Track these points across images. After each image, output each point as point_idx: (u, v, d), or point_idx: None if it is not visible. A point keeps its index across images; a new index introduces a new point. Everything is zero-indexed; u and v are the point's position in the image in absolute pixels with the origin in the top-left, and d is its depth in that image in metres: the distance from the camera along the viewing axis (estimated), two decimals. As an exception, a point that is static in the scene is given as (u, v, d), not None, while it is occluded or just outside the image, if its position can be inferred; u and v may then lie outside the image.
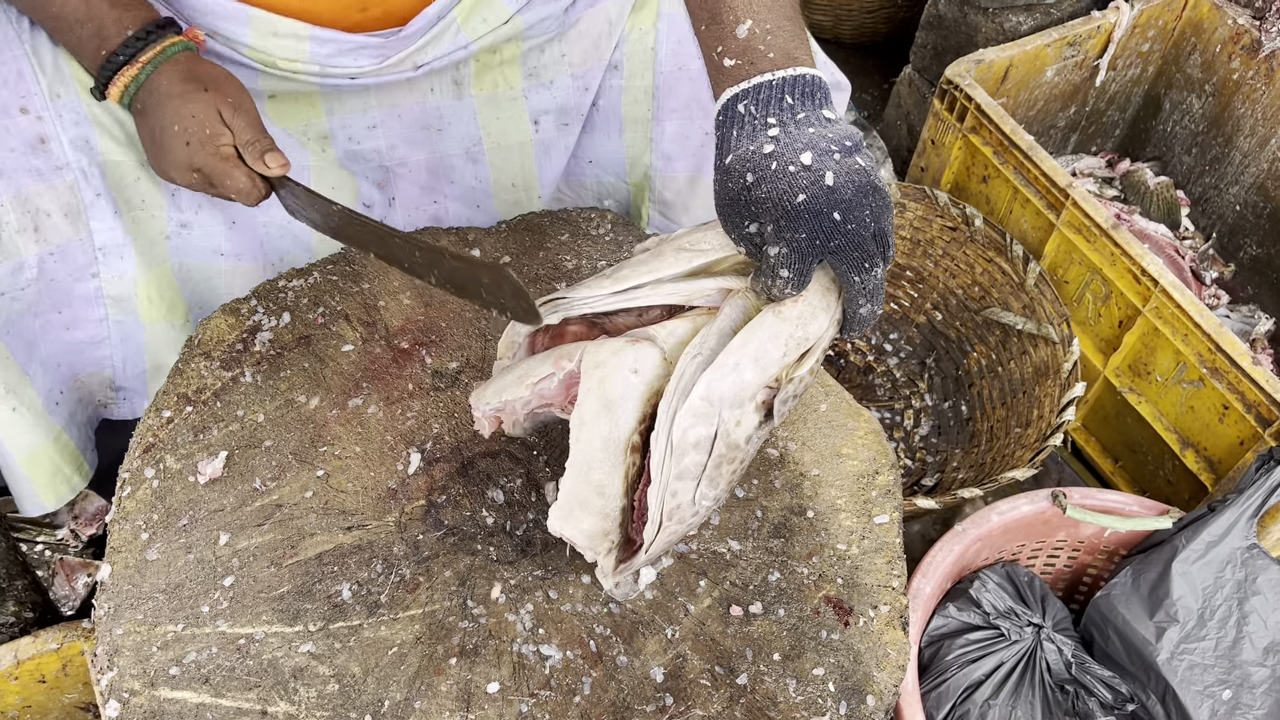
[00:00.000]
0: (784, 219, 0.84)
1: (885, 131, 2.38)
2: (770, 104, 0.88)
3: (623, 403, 0.89)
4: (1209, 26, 2.07)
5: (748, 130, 0.88)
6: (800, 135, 0.86)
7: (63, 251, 1.17)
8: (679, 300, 0.94)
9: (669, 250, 0.95)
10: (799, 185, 0.84)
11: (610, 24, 1.31)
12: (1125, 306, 1.69)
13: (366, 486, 1.06)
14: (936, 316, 1.94)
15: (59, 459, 1.24)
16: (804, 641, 1.00)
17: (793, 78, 0.88)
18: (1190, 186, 2.22)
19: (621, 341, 0.90)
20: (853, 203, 0.84)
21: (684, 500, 0.89)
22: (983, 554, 1.45)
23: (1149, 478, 1.77)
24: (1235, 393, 1.54)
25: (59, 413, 1.24)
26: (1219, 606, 1.35)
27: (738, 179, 0.87)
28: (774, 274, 0.86)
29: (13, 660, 1.22)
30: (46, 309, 1.20)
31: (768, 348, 0.87)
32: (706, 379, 0.86)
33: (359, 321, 1.18)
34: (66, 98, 1.13)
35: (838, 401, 1.18)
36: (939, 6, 2.15)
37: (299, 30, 1.16)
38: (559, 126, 1.35)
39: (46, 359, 1.22)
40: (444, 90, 1.29)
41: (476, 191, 1.37)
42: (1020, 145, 1.77)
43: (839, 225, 0.84)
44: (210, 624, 0.96)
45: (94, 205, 1.17)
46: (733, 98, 0.89)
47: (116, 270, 1.20)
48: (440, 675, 0.94)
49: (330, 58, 1.19)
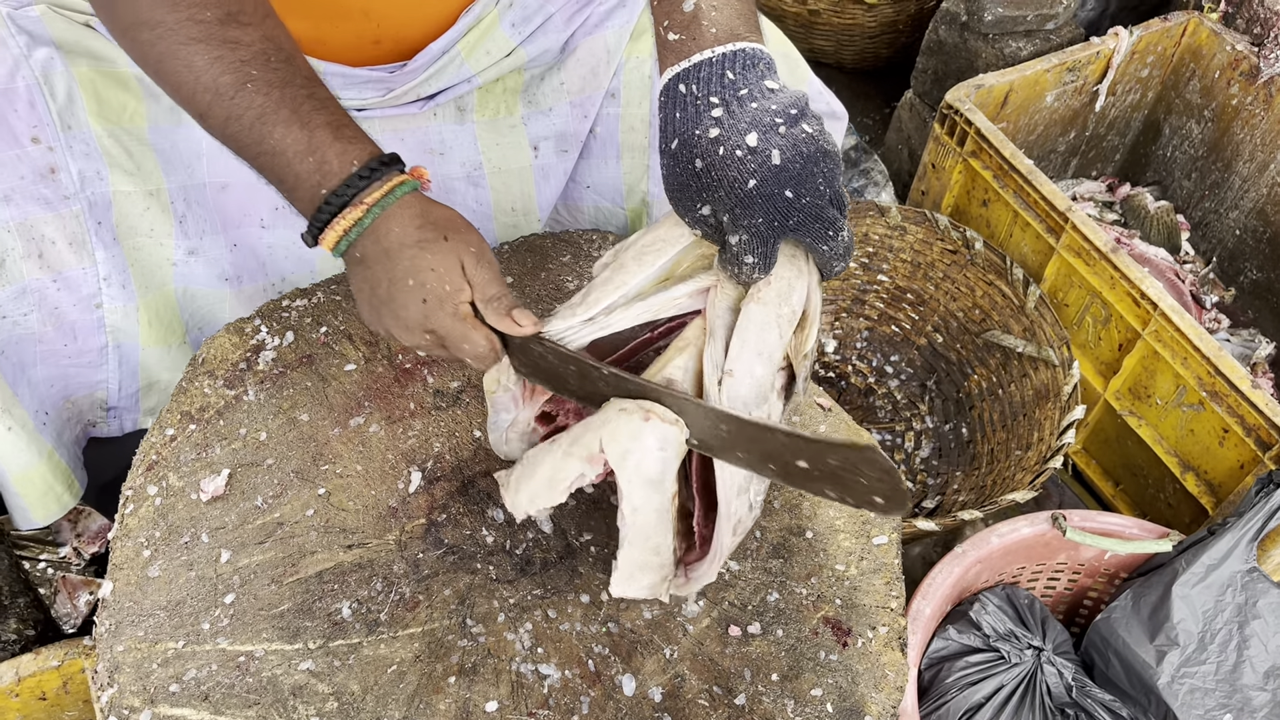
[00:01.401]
0: (738, 206, 0.83)
1: (886, 155, 2.40)
2: (711, 82, 0.86)
3: (664, 476, 0.89)
4: (1208, 52, 2.08)
5: (690, 112, 0.86)
6: (744, 114, 0.84)
7: (66, 280, 1.17)
8: (651, 316, 0.92)
9: (629, 259, 0.93)
10: (748, 170, 0.83)
11: (609, 52, 1.32)
12: (1125, 330, 1.70)
13: (367, 505, 1.07)
14: (937, 339, 1.95)
15: (50, 477, 1.25)
16: (802, 662, 1.00)
17: (733, 53, 0.86)
18: (1190, 211, 2.23)
19: (636, 422, 0.88)
20: (803, 175, 0.83)
21: (742, 514, 0.90)
22: (983, 576, 1.45)
23: (1149, 501, 1.77)
24: (1235, 416, 1.54)
25: (47, 432, 1.25)
26: (1219, 630, 1.35)
27: (685, 165, 0.86)
28: (739, 261, 0.85)
29: (14, 677, 1.22)
30: (52, 338, 1.20)
31: (765, 338, 0.87)
32: (726, 393, 0.87)
33: (362, 341, 1.19)
34: (77, 129, 1.15)
35: (837, 423, 1.18)
36: (939, 32, 2.17)
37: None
38: (558, 153, 1.36)
39: (38, 380, 1.22)
40: (447, 115, 1.31)
41: (477, 214, 1.38)
42: (1020, 169, 1.78)
43: (793, 202, 0.83)
44: (211, 641, 0.96)
45: (98, 235, 1.18)
46: (674, 77, 0.87)
47: (119, 300, 1.21)
48: (439, 694, 0.95)
49: (335, 90, 1.20)
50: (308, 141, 0.94)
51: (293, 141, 0.94)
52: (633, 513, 0.89)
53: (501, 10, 1.26)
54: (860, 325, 2.03)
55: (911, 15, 2.45)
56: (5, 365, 1.18)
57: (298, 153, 0.94)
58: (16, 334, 1.17)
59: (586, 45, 1.32)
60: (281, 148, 0.94)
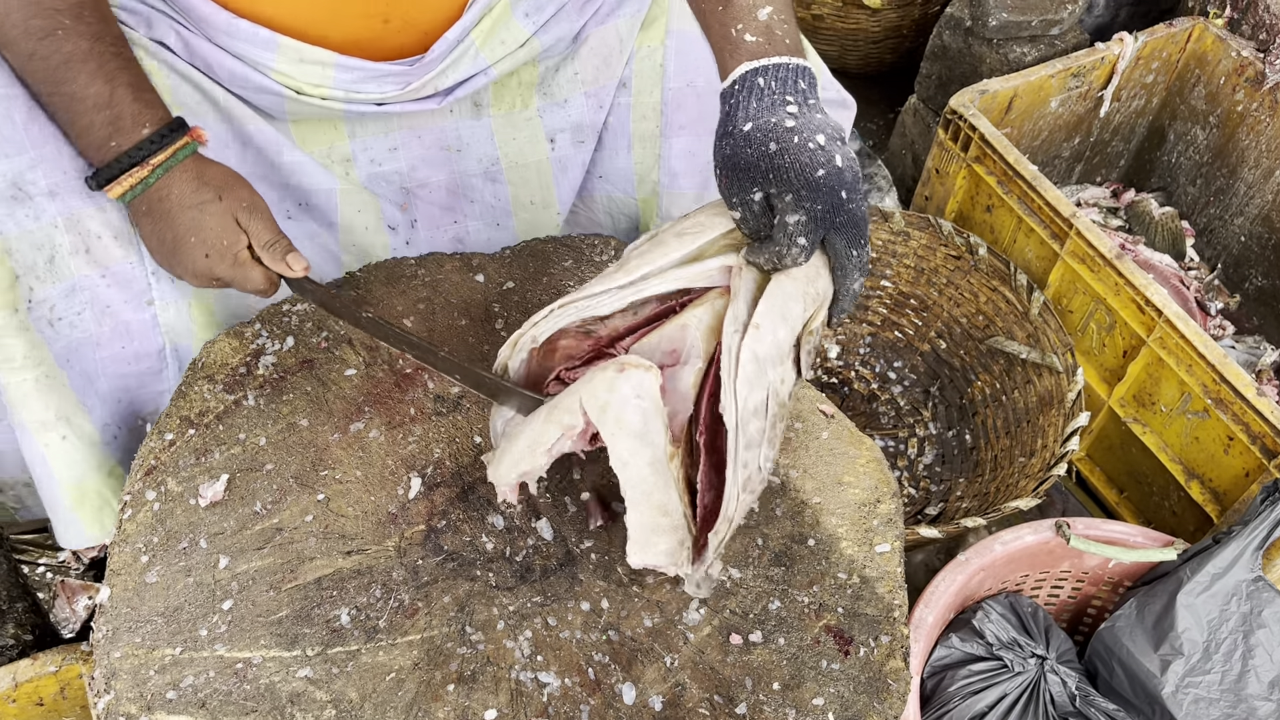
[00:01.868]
0: (805, 189, 0.90)
1: (890, 160, 2.39)
2: (788, 84, 0.95)
3: (647, 427, 0.92)
4: (1213, 59, 2.08)
5: (767, 103, 0.94)
6: (813, 119, 0.93)
7: (115, 275, 1.15)
8: (684, 284, 0.98)
9: (669, 236, 1.00)
10: (819, 161, 0.90)
11: (621, 41, 1.32)
12: (1129, 337, 1.69)
13: (367, 511, 1.06)
14: (940, 345, 1.94)
15: (108, 493, 1.21)
16: (804, 671, 0.99)
17: (803, 67, 0.96)
18: (1195, 217, 2.23)
19: (610, 374, 0.92)
20: (853, 184, 0.92)
21: (753, 470, 0.93)
22: (986, 584, 1.44)
23: (1154, 508, 1.76)
24: (1240, 424, 1.54)
25: (116, 447, 1.22)
26: (1224, 640, 1.34)
27: (759, 146, 0.92)
28: (791, 241, 0.91)
29: (11, 683, 1.21)
30: (109, 340, 1.18)
31: (790, 306, 0.92)
32: (749, 345, 0.91)
33: (362, 346, 1.18)
34: None
35: (839, 429, 1.17)
36: (944, 37, 2.17)
37: (325, 58, 1.18)
38: (575, 144, 1.36)
39: (107, 394, 1.20)
40: (463, 111, 1.31)
41: (496, 210, 1.38)
42: (1024, 175, 1.77)
43: (845, 203, 0.91)
44: (208, 648, 0.96)
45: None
46: (752, 70, 0.95)
47: (170, 296, 1.19)
48: (438, 702, 0.94)
49: (355, 84, 1.20)
50: (109, 95, 1.05)
51: (94, 93, 1.05)
52: (623, 467, 0.92)
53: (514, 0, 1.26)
54: (863, 331, 2.03)
55: (915, 20, 2.45)
56: (73, 376, 1.16)
57: (96, 104, 1.05)
58: (75, 338, 1.15)
59: (599, 35, 1.33)
60: (81, 95, 1.05)
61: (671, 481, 0.93)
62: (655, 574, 1.04)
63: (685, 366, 0.97)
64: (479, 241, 1.41)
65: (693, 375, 0.97)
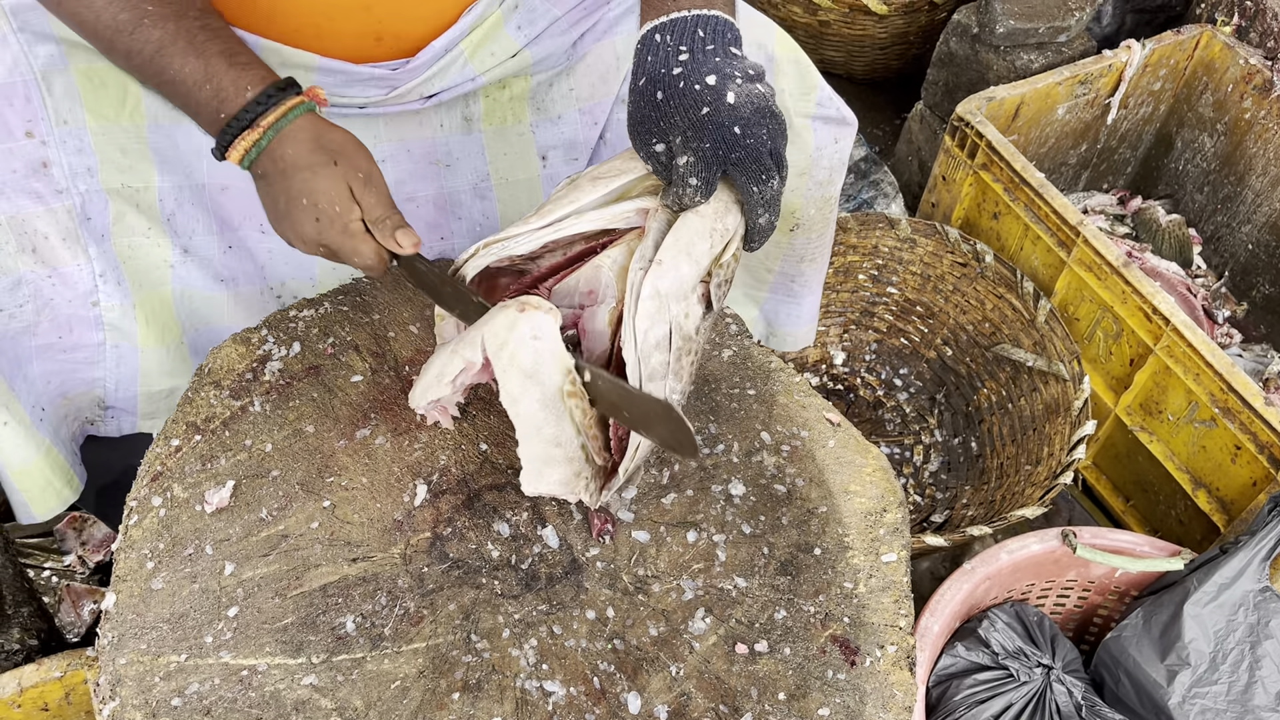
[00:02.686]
0: (690, 130, 0.93)
1: (896, 167, 2.39)
2: (684, 35, 0.97)
3: (540, 366, 0.96)
4: (1221, 66, 2.07)
5: (660, 56, 0.97)
6: (706, 61, 0.96)
7: (62, 276, 1.18)
8: (603, 225, 1.02)
9: (585, 181, 1.03)
10: (703, 100, 0.93)
11: (618, 58, 1.32)
12: (1136, 345, 1.68)
13: (372, 518, 1.06)
14: (946, 352, 1.94)
15: (49, 472, 1.25)
16: (809, 681, 0.99)
17: (705, 16, 0.98)
18: (1202, 225, 2.22)
19: (511, 313, 0.97)
20: (751, 120, 0.93)
21: (657, 363, 0.96)
22: (992, 593, 1.44)
23: (1160, 517, 1.76)
24: (1248, 433, 1.53)
25: (44, 427, 1.25)
26: (1231, 650, 1.33)
27: (648, 98, 0.96)
28: (684, 182, 0.94)
29: (16, 688, 1.21)
30: (46, 330, 1.20)
31: (696, 243, 0.96)
32: (651, 280, 0.94)
33: (368, 352, 1.18)
34: (73, 124, 1.15)
35: (845, 438, 1.17)
36: (951, 44, 2.17)
37: (308, 61, 1.17)
38: (567, 161, 1.36)
39: (35, 376, 1.23)
40: (453, 125, 1.30)
41: (484, 228, 1.38)
42: (1031, 182, 1.77)
43: (739, 138, 0.93)
44: (213, 655, 0.96)
45: (89, 231, 1.18)
46: (651, 29, 0.99)
47: (115, 298, 1.22)
48: (443, 710, 0.94)
49: (338, 87, 1.20)
50: (204, 70, 1.03)
51: (190, 71, 1.04)
52: (512, 403, 0.96)
53: (506, 12, 1.25)
54: (869, 338, 2.02)
55: (922, 27, 2.44)
56: (2, 361, 1.18)
57: (196, 82, 1.04)
58: (12, 328, 1.17)
59: (596, 51, 1.32)
60: (181, 78, 1.04)
61: (566, 416, 0.98)
62: (661, 582, 1.03)
63: (601, 306, 1.03)
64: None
65: (607, 314, 1.02)
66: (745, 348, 1.25)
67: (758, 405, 1.19)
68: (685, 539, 1.07)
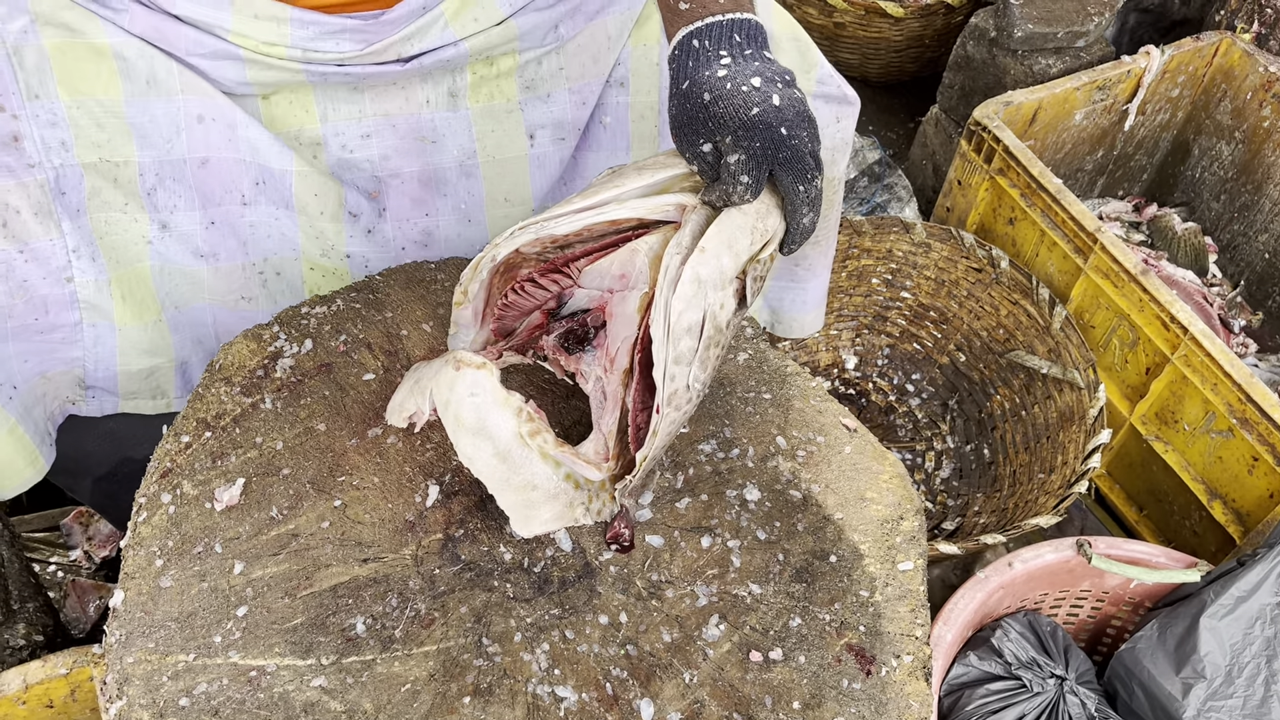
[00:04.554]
0: (741, 129, 0.96)
1: (910, 171, 2.38)
2: (721, 40, 1.00)
3: (484, 421, 0.97)
4: (1239, 73, 2.06)
5: (702, 60, 0.99)
6: (748, 66, 0.98)
7: (34, 252, 1.15)
8: (642, 214, 1.02)
9: (631, 170, 1.04)
10: (753, 101, 0.96)
11: (610, 39, 1.31)
12: (1153, 353, 1.67)
13: (384, 518, 1.05)
14: (960, 358, 1.93)
15: (11, 451, 1.22)
16: (824, 690, 0.98)
17: (739, 20, 1.01)
18: (1218, 233, 2.21)
19: (449, 373, 0.98)
20: (794, 122, 0.96)
21: (680, 386, 0.96)
22: (1005, 602, 1.42)
23: (1175, 528, 1.74)
24: (1265, 444, 1.52)
25: (12, 406, 1.22)
26: (1247, 664, 1.32)
27: (695, 100, 0.98)
28: (735, 180, 0.96)
29: (21, 684, 1.20)
30: (22, 311, 1.18)
31: (738, 237, 0.97)
32: (692, 265, 0.94)
33: (381, 350, 1.17)
34: (45, 98, 1.13)
35: (862, 444, 1.16)
36: (967, 48, 2.15)
37: (279, 13, 1.15)
38: (555, 140, 1.35)
39: (10, 355, 1.20)
40: (439, 102, 1.28)
41: (469, 206, 1.36)
42: (1048, 188, 1.76)
43: (785, 139, 0.96)
44: (222, 655, 0.95)
45: (63, 205, 1.16)
46: (688, 34, 1.01)
47: (90, 274, 1.19)
48: (453, 714, 0.93)
49: (311, 41, 1.17)
50: None
51: None
52: (470, 463, 0.98)
53: None
54: (882, 342, 2.01)
55: (938, 30, 2.43)
56: None
57: None
58: None
59: (588, 31, 1.31)
60: None
61: (533, 457, 0.98)
62: (675, 588, 1.02)
63: (633, 291, 1.03)
64: (448, 237, 1.38)
65: (638, 299, 1.02)
66: (761, 351, 1.23)
67: (773, 409, 1.17)
68: (699, 544, 1.06)
